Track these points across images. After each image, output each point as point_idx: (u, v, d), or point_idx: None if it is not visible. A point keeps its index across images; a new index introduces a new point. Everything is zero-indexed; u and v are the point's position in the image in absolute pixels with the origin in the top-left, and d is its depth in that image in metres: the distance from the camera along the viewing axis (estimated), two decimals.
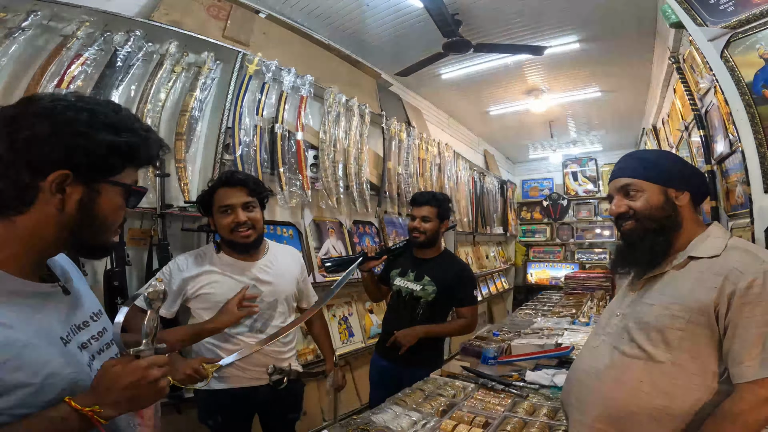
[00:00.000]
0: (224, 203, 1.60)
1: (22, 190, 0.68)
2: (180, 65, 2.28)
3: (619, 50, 3.70)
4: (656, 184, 1.07)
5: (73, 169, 0.69)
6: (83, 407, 0.66)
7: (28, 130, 0.66)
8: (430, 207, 2.14)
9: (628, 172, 1.12)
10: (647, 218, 1.07)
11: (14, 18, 1.77)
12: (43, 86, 1.80)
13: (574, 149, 6.92)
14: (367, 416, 1.45)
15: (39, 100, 0.71)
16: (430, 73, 4.12)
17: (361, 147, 3.30)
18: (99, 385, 0.71)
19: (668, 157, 1.18)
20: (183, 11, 2.41)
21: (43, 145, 0.67)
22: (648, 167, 1.10)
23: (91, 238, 0.76)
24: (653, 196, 1.07)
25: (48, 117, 0.68)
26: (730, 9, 1.44)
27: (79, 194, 0.71)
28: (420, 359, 2.05)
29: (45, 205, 0.69)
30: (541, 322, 2.92)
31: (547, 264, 7.33)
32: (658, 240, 1.06)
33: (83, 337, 0.78)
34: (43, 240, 0.72)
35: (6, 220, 0.69)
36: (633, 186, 1.09)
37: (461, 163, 5.16)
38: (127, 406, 0.73)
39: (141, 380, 0.72)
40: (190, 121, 2.28)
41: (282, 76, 2.78)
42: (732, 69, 1.44)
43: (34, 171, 0.67)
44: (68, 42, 1.90)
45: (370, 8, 3.10)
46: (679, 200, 1.07)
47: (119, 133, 0.72)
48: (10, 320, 0.65)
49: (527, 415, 1.44)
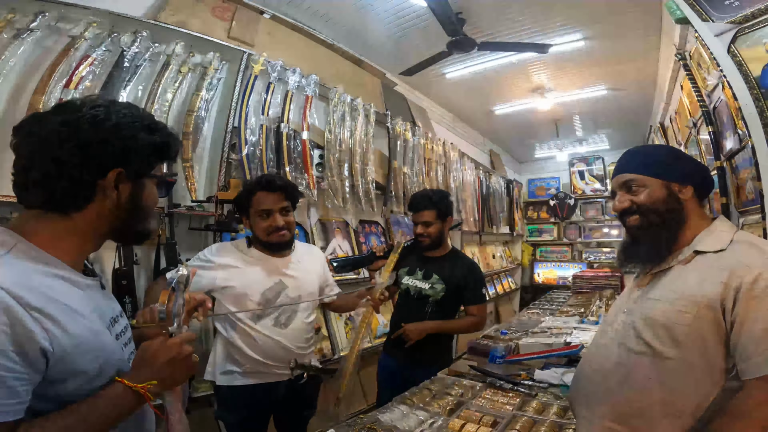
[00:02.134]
0: (263, 207, 1.68)
1: (83, 188, 0.75)
2: (186, 66, 2.29)
3: (624, 48, 3.67)
4: (658, 178, 1.07)
5: (124, 167, 0.78)
6: (135, 384, 0.74)
7: (88, 135, 0.74)
8: (429, 211, 2.13)
9: (629, 168, 1.12)
10: (651, 212, 1.06)
11: (22, 19, 1.79)
12: (51, 87, 1.82)
13: (580, 148, 6.87)
14: (374, 415, 1.44)
15: (80, 107, 0.77)
16: (434, 73, 4.12)
17: (367, 146, 3.30)
18: (140, 364, 0.79)
19: (669, 152, 1.18)
20: (189, 12, 2.43)
21: (99, 147, 0.75)
22: (649, 162, 1.10)
23: (139, 226, 0.85)
24: (656, 191, 1.07)
25: (99, 124, 0.75)
26: (736, 4, 1.44)
27: (129, 189, 0.80)
28: (429, 358, 2.04)
29: (103, 201, 0.77)
30: (549, 321, 2.90)
31: (555, 264, 7.28)
32: (663, 234, 1.06)
33: (117, 329, 0.84)
34: (98, 233, 0.80)
35: (65, 216, 0.75)
36: (635, 181, 1.09)
37: (467, 162, 5.15)
38: (168, 383, 0.81)
39: (177, 356, 0.80)
40: (196, 121, 2.30)
41: (287, 76, 2.79)
42: (740, 64, 1.43)
43: (95, 171, 0.75)
44: (76, 43, 1.92)
45: (374, 8, 3.10)
46: (683, 194, 1.06)
47: (155, 132, 0.83)
48: (82, 308, 0.73)
49: (536, 413, 1.43)
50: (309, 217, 2.94)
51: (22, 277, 0.66)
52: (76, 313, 0.71)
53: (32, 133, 0.75)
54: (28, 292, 0.65)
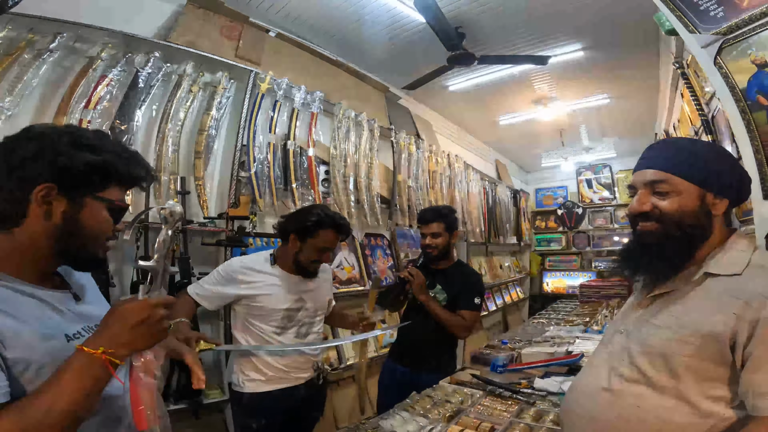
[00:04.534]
0: (326, 246, 1.77)
1: (16, 203, 0.76)
2: (197, 85, 2.40)
3: (624, 56, 3.71)
4: (694, 184, 0.89)
5: (57, 183, 0.77)
6: (95, 350, 0.70)
7: (20, 151, 0.76)
8: (437, 223, 2.23)
9: (660, 163, 0.93)
10: (674, 224, 0.90)
11: (42, 40, 1.90)
12: (72, 107, 1.93)
13: (587, 156, 6.85)
14: (375, 421, 1.49)
15: (33, 128, 0.81)
16: (437, 86, 4.19)
17: (371, 161, 3.38)
18: (108, 324, 0.75)
19: (715, 151, 0.97)
20: (198, 32, 2.53)
21: (31, 162, 0.76)
22: (687, 161, 0.91)
23: (80, 249, 0.82)
24: (688, 199, 0.89)
25: (37, 139, 0.78)
26: (720, 15, 1.45)
27: (64, 206, 0.78)
28: (435, 365, 2.12)
29: (36, 217, 0.77)
30: (553, 330, 2.91)
31: (564, 273, 7.24)
32: (679, 250, 0.91)
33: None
34: (39, 250, 0.79)
35: (7, 233, 0.77)
36: (666, 182, 0.91)
37: (472, 174, 5.20)
38: (137, 345, 0.76)
39: (147, 320, 0.75)
40: (207, 140, 2.40)
41: (293, 94, 2.89)
42: (726, 75, 1.45)
43: (24, 185, 0.76)
44: (93, 63, 2.03)
45: (375, 24, 3.20)
46: (716, 209, 0.90)
47: (98, 153, 0.80)
48: (25, 317, 0.72)
49: (533, 421, 1.46)
50: None
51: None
52: (18, 320, 0.71)
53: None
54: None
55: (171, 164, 2.23)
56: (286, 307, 1.76)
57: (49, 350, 0.72)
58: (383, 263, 3.53)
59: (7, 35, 1.80)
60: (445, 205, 2.57)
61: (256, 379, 1.73)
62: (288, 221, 1.81)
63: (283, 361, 1.76)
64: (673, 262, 0.92)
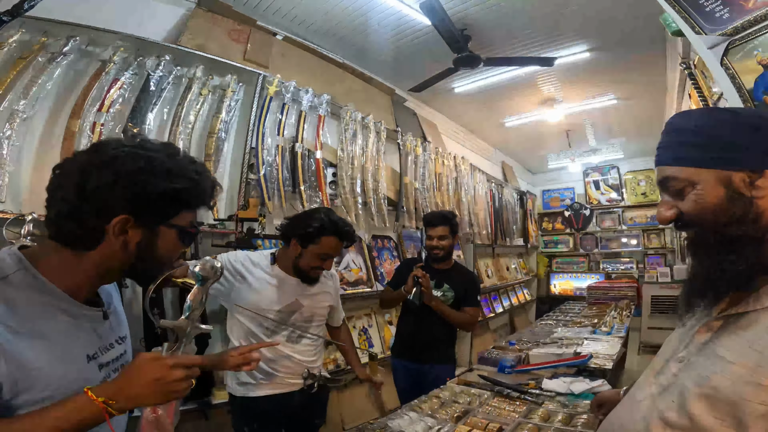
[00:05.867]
0: (327, 252, 1.72)
1: (90, 231, 0.76)
2: (206, 88, 2.43)
3: (631, 57, 3.70)
4: (710, 168, 0.69)
5: (133, 213, 0.77)
6: (97, 397, 0.71)
7: (95, 180, 0.75)
8: (443, 226, 2.38)
9: (666, 157, 0.75)
10: (704, 228, 0.71)
11: (55, 43, 1.93)
12: (86, 110, 1.97)
13: (594, 158, 6.82)
14: (384, 421, 1.50)
15: (105, 148, 0.79)
16: (443, 88, 4.20)
17: (378, 163, 3.40)
18: (124, 375, 0.77)
19: (723, 117, 0.72)
20: (207, 36, 2.56)
21: (107, 192, 0.75)
22: (690, 143, 0.72)
23: (149, 272, 0.85)
24: (708, 190, 0.69)
25: (111, 166, 0.76)
26: (726, 16, 1.46)
27: (139, 236, 0.79)
28: (437, 354, 2.31)
29: (110, 245, 0.78)
30: (561, 331, 2.90)
31: (571, 275, 7.20)
32: (732, 261, 0.67)
33: (105, 358, 0.84)
34: (107, 272, 0.81)
35: (76, 253, 0.78)
36: (677, 179, 0.73)
37: (478, 175, 5.19)
38: (143, 401, 0.77)
39: (162, 378, 0.76)
40: (217, 143, 2.43)
41: (300, 96, 2.92)
42: (733, 76, 1.46)
43: (100, 215, 0.76)
44: (106, 67, 2.06)
45: (381, 27, 3.22)
46: (757, 187, 0.67)
47: (173, 179, 0.79)
48: (49, 331, 0.74)
49: (542, 421, 1.46)
50: None
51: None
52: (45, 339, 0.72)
53: (59, 170, 0.79)
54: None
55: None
56: (278, 309, 1.72)
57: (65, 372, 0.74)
58: (390, 265, 3.54)
59: (21, 38, 1.83)
60: (449, 210, 2.68)
61: (247, 382, 1.72)
62: (290, 225, 1.77)
63: (273, 365, 1.71)
64: (725, 275, 0.68)
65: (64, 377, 0.73)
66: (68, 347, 0.76)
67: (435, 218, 2.42)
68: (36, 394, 0.70)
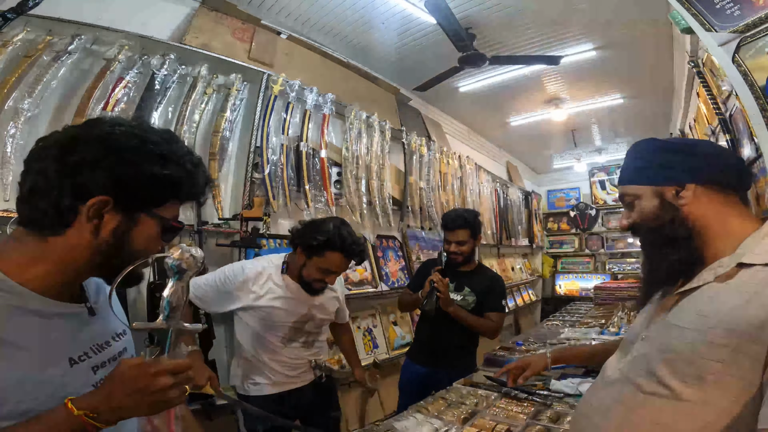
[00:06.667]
0: (332, 269, 1.67)
1: (62, 211, 0.67)
2: (211, 87, 2.43)
3: (638, 56, 3.67)
4: (648, 185, 0.89)
5: (114, 196, 0.68)
6: (79, 410, 0.63)
7: (80, 153, 0.67)
8: (464, 230, 2.18)
9: (621, 178, 0.96)
10: (645, 232, 0.91)
11: (60, 41, 1.92)
12: (90, 109, 1.96)
13: (600, 157, 6.79)
14: (390, 423, 1.48)
15: (99, 124, 0.72)
16: (447, 87, 4.18)
17: (383, 162, 3.38)
18: (105, 385, 0.68)
19: (658, 146, 0.92)
20: (211, 34, 2.55)
21: (90, 169, 0.67)
22: (634, 166, 0.93)
23: (121, 267, 0.72)
24: (646, 202, 0.89)
25: (102, 142, 0.68)
26: (737, 13, 1.44)
27: (116, 222, 0.70)
28: (458, 365, 2.15)
29: (80, 229, 0.69)
30: (568, 332, 2.87)
31: (577, 275, 7.15)
32: (669, 255, 0.85)
33: (100, 359, 0.76)
34: (74, 263, 0.71)
35: (40, 239, 0.69)
36: (627, 195, 0.93)
37: (483, 175, 5.17)
38: (128, 413, 0.69)
39: (147, 387, 0.67)
40: (221, 142, 2.42)
41: (305, 95, 2.91)
42: (744, 74, 1.43)
43: (77, 194, 0.67)
44: (111, 65, 2.05)
45: (385, 25, 3.20)
46: (682, 198, 0.85)
47: (166, 165, 0.72)
48: (23, 339, 0.65)
49: (551, 422, 1.44)
50: None
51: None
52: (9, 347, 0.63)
53: (42, 142, 0.70)
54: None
55: None
56: (294, 320, 1.73)
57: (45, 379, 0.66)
58: (395, 265, 3.52)
59: (25, 37, 1.83)
60: (469, 210, 2.37)
61: (261, 383, 1.73)
62: (300, 232, 1.70)
63: (288, 367, 1.77)
64: (672, 268, 0.86)
65: (41, 387, 0.65)
66: (43, 352, 0.67)
67: (453, 221, 2.20)
68: (12, 408, 0.62)
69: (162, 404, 0.70)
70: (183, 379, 0.71)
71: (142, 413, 0.71)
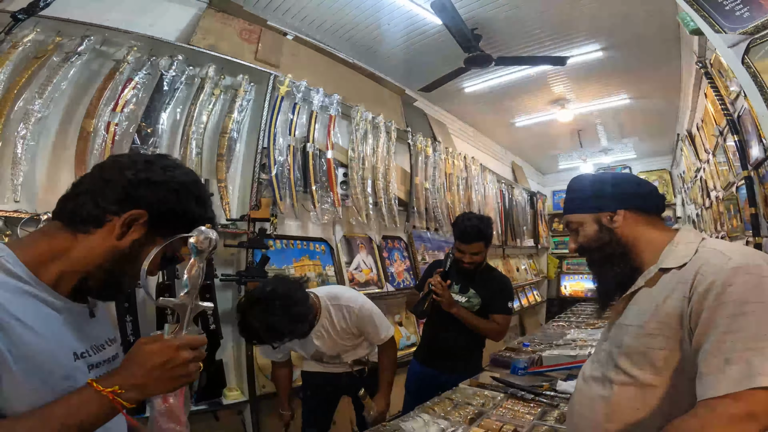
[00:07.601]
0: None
1: (104, 212, 0.75)
2: (218, 88, 2.44)
3: (645, 57, 3.64)
4: (588, 213, 1.07)
5: (149, 214, 0.76)
6: (105, 388, 0.66)
7: (143, 174, 0.77)
8: (478, 243, 2.15)
9: (566, 208, 1.13)
10: (590, 251, 1.07)
11: (70, 43, 1.94)
12: (100, 110, 1.98)
13: (605, 158, 6.77)
14: (396, 423, 1.49)
15: (165, 158, 0.84)
16: (453, 88, 4.18)
17: (389, 163, 3.39)
18: (128, 364, 0.71)
19: (593, 181, 1.13)
20: (218, 36, 2.56)
21: (146, 187, 0.76)
22: (575, 198, 1.11)
23: (119, 276, 0.79)
24: (588, 227, 1.06)
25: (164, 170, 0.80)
26: (746, 15, 1.43)
27: (139, 235, 0.77)
28: (464, 367, 2.15)
29: (108, 232, 0.75)
30: (574, 333, 2.87)
31: (582, 276, 7.12)
32: (610, 269, 1.03)
33: (96, 359, 0.79)
34: (88, 264, 0.76)
35: (71, 235, 0.75)
36: (572, 222, 1.10)
37: (488, 176, 5.16)
38: (153, 389, 0.71)
39: (170, 361, 0.70)
40: (229, 143, 2.44)
41: (311, 96, 2.92)
42: (754, 75, 1.42)
43: (123, 203, 0.75)
44: (120, 66, 2.07)
45: (391, 26, 3.21)
46: (615, 222, 1.03)
47: (202, 207, 0.83)
48: (39, 326, 0.68)
49: (557, 423, 1.44)
50: (334, 234, 3.04)
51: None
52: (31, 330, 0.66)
53: (101, 166, 0.81)
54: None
55: (195, 167, 2.25)
56: (311, 353, 1.98)
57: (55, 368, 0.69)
58: (400, 266, 3.53)
59: (35, 38, 1.85)
60: (482, 218, 2.26)
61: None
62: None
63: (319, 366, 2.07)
64: (617, 280, 1.02)
65: (51, 374, 0.68)
66: (55, 342, 0.70)
67: (469, 234, 2.13)
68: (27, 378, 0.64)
69: (183, 378, 0.73)
70: (200, 354, 0.75)
71: (163, 389, 0.73)
